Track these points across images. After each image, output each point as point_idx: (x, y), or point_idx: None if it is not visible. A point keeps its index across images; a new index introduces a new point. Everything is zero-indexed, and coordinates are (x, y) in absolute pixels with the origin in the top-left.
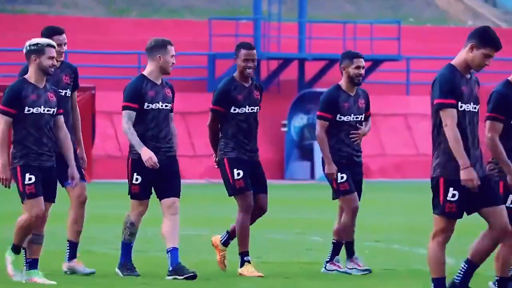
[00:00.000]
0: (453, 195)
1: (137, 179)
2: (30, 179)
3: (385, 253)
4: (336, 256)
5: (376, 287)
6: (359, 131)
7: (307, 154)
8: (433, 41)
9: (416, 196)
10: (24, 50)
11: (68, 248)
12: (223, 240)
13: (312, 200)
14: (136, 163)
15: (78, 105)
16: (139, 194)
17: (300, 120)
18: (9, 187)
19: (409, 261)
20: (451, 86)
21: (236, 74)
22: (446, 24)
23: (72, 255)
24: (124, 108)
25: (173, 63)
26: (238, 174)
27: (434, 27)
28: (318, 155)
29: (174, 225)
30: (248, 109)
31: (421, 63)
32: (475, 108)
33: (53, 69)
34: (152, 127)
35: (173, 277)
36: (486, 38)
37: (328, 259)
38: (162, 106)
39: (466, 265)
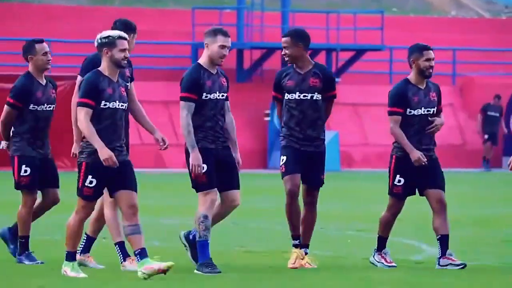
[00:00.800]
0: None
1: (203, 168)
2: (91, 182)
3: (368, 242)
4: (448, 250)
5: (360, 276)
6: (435, 122)
7: None
8: (416, 31)
9: None
10: (96, 43)
11: (84, 241)
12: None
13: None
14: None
15: (63, 95)
16: (207, 184)
17: None
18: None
19: (391, 250)
20: None
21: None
22: (429, 14)
23: (86, 249)
24: (183, 99)
25: (223, 55)
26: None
27: (418, 17)
28: None
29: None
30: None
31: (404, 53)
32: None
33: (125, 62)
34: (211, 117)
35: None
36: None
37: (440, 255)
38: (218, 96)
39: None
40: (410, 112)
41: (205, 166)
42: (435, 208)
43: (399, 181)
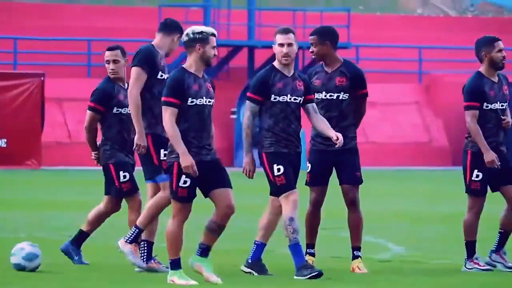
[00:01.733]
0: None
1: (279, 169)
2: (185, 182)
3: (334, 240)
4: (502, 249)
5: (327, 275)
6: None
7: (256, 141)
8: (382, 29)
9: (367, 184)
10: (185, 38)
11: (144, 248)
12: None
13: (262, 187)
14: (272, 156)
15: (27, 92)
16: (286, 186)
17: None
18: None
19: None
20: None
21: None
22: (395, 12)
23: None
24: (248, 99)
25: (285, 53)
26: None
27: (384, 15)
28: None
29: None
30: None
31: (370, 51)
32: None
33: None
34: (282, 119)
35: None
36: None
37: (494, 249)
38: (290, 99)
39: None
40: (486, 106)
41: (281, 167)
42: None
43: (477, 176)
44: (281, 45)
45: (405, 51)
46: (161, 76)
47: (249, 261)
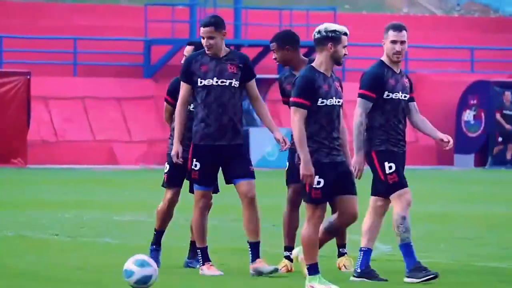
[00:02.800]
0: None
1: (390, 167)
2: (318, 182)
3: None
4: None
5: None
6: None
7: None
8: (368, 28)
9: None
10: (317, 35)
11: (249, 249)
12: None
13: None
14: (383, 154)
15: (13, 90)
16: (399, 184)
17: None
18: (311, 183)
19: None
20: None
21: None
22: (381, 11)
23: (255, 256)
24: (362, 96)
25: (397, 51)
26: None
27: (370, 14)
28: (253, 139)
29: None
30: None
31: (357, 50)
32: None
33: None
34: (393, 116)
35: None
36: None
37: None
38: (401, 96)
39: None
40: None
41: (392, 165)
42: None
43: None
44: (394, 42)
45: None
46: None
47: (358, 270)
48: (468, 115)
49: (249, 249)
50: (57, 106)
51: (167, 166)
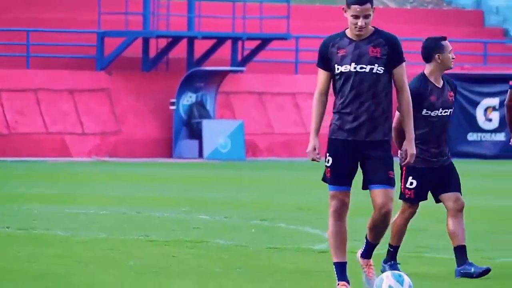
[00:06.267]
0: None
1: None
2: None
3: (271, 231)
4: None
5: (262, 264)
6: None
7: (195, 132)
8: (322, 20)
9: (304, 175)
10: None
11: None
12: None
13: (200, 178)
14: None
15: None
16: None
17: (189, 98)
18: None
19: (295, 239)
20: None
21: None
22: (335, 3)
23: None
24: None
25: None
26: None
27: (324, 6)
28: (206, 133)
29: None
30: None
31: (310, 42)
32: None
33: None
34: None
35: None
36: None
37: None
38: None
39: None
40: None
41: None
42: None
43: None
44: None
45: None
46: None
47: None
48: None
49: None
50: (10, 99)
51: (413, 182)
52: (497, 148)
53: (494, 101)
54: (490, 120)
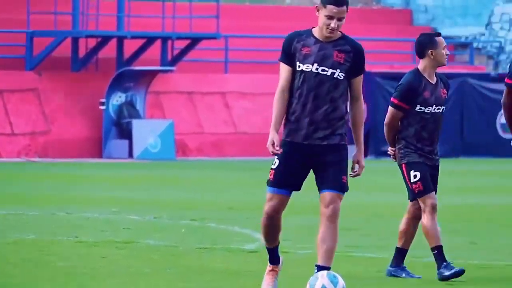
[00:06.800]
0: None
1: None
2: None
3: (201, 231)
4: None
5: (192, 264)
6: None
7: (125, 132)
8: (252, 19)
9: (235, 175)
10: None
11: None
12: None
13: (129, 178)
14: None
15: None
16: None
17: (118, 98)
18: None
19: (225, 239)
20: None
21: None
22: (265, 2)
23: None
24: None
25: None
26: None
27: (253, 6)
28: (136, 133)
29: None
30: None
31: (240, 42)
32: None
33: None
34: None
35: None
36: None
37: None
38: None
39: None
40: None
41: (417, 174)
42: None
43: None
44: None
45: (275, 41)
46: None
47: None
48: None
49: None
50: None
51: (416, 174)
52: None
53: None
54: None
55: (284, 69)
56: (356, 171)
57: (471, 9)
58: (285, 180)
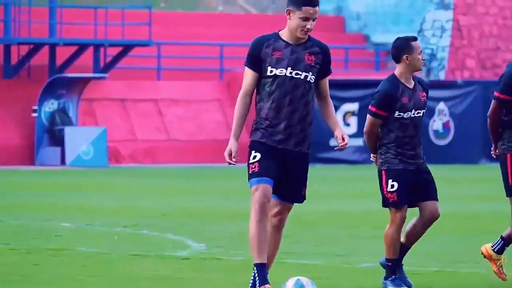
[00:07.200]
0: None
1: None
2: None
3: (134, 238)
4: None
5: (123, 271)
6: None
7: (57, 139)
8: (184, 26)
9: (167, 181)
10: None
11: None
12: (496, 248)
13: (62, 185)
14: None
15: None
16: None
17: (51, 105)
18: None
19: (158, 246)
20: None
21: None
22: (197, 9)
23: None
24: None
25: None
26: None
27: (185, 13)
28: (68, 140)
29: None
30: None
31: (172, 48)
32: None
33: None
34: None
35: None
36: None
37: None
38: None
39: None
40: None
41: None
42: None
43: None
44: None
45: (207, 48)
46: None
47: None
48: None
49: None
50: None
51: (394, 184)
52: (357, 153)
53: (354, 106)
54: (348, 125)
55: (249, 74)
56: (342, 143)
57: (403, 16)
58: (269, 169)
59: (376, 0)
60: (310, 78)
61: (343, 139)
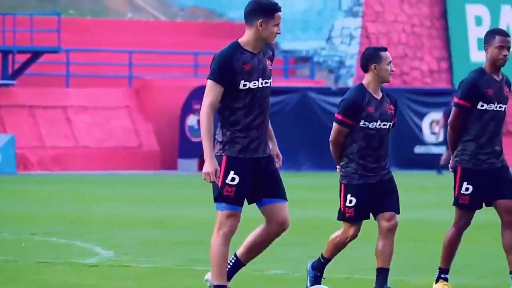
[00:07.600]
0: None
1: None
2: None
3: (42, 245)
4: None
5: (32, 279)
6: None
7: None
8: (93, 33)
9: (76, 188)
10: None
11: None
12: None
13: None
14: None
15: None
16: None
17: None
18: None
19: (66, 253)
20: None
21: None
22: (106, 16)
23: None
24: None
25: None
26: None
27: (95, 19)
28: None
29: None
30: None
31: (81, 56)
32: None
33: None
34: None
35: None
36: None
37: None
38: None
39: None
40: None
41: (353, 200)
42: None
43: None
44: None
45: (116, 55)
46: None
47: None
48: (192, 120)
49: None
50: None
51: (352, 199)
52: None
53: None
54: None
55: (217, 89)
56: (278, 162)
57: (311, 23)
58: (243, 197)
59: (285, 7)
60: (270, 83)
61: (278, 159)
